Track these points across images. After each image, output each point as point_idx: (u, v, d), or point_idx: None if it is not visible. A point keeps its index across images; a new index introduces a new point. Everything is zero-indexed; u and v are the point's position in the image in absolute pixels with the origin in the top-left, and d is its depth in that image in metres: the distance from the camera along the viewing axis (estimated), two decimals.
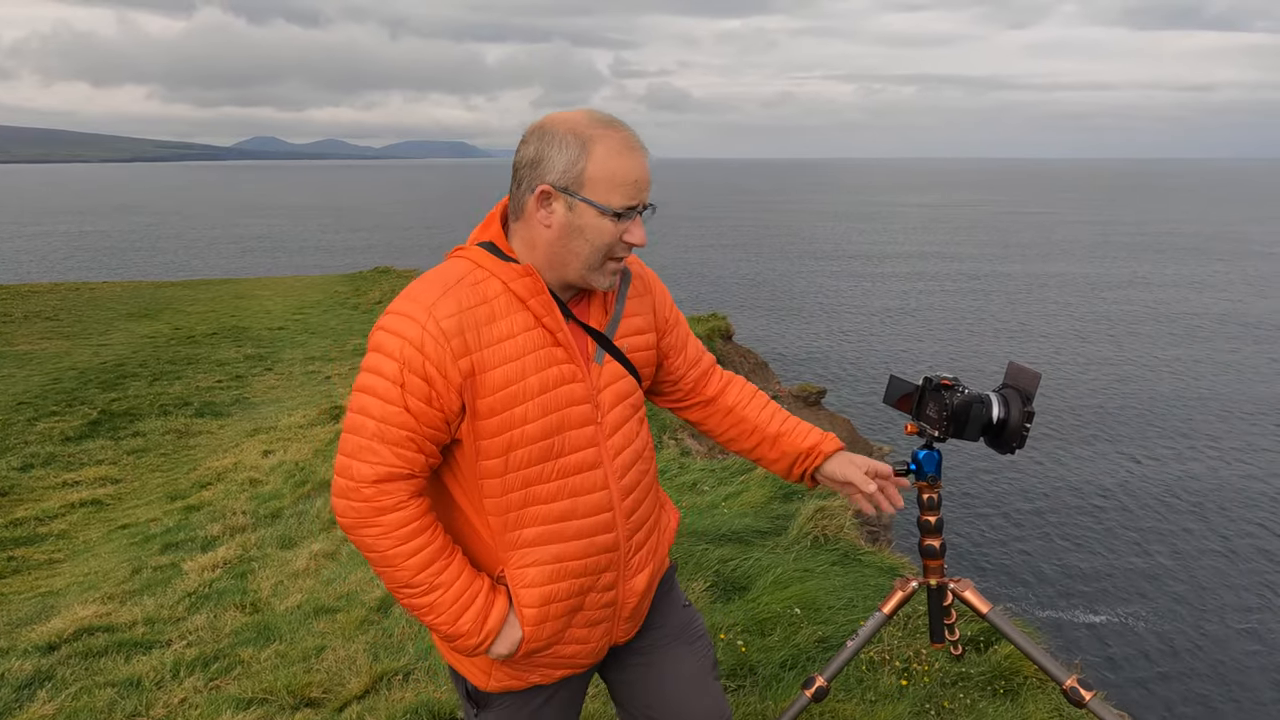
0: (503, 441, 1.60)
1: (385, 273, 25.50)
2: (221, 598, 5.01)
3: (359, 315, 18.55)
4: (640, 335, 1.80)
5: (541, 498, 1.65)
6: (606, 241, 1.60)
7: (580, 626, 1.75)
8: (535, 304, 1.61)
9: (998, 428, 1.91)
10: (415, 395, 1.55)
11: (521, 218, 1.63)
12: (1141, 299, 32.74)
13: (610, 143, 1.58)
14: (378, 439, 1.56)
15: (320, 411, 10.01)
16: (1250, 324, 28.32)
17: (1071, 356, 24.08)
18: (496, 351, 1.58)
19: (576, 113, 1.62)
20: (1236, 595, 11.56)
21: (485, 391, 1.57)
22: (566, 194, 1.57)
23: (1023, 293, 34.45)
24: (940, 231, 62.10)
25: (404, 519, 1.59)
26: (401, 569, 1.60)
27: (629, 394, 1.76)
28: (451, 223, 76.76)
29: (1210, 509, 14.18)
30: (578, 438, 1.66)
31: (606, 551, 1.73)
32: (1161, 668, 9.98)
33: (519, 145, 1.64)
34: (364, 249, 52.34)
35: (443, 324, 1.54)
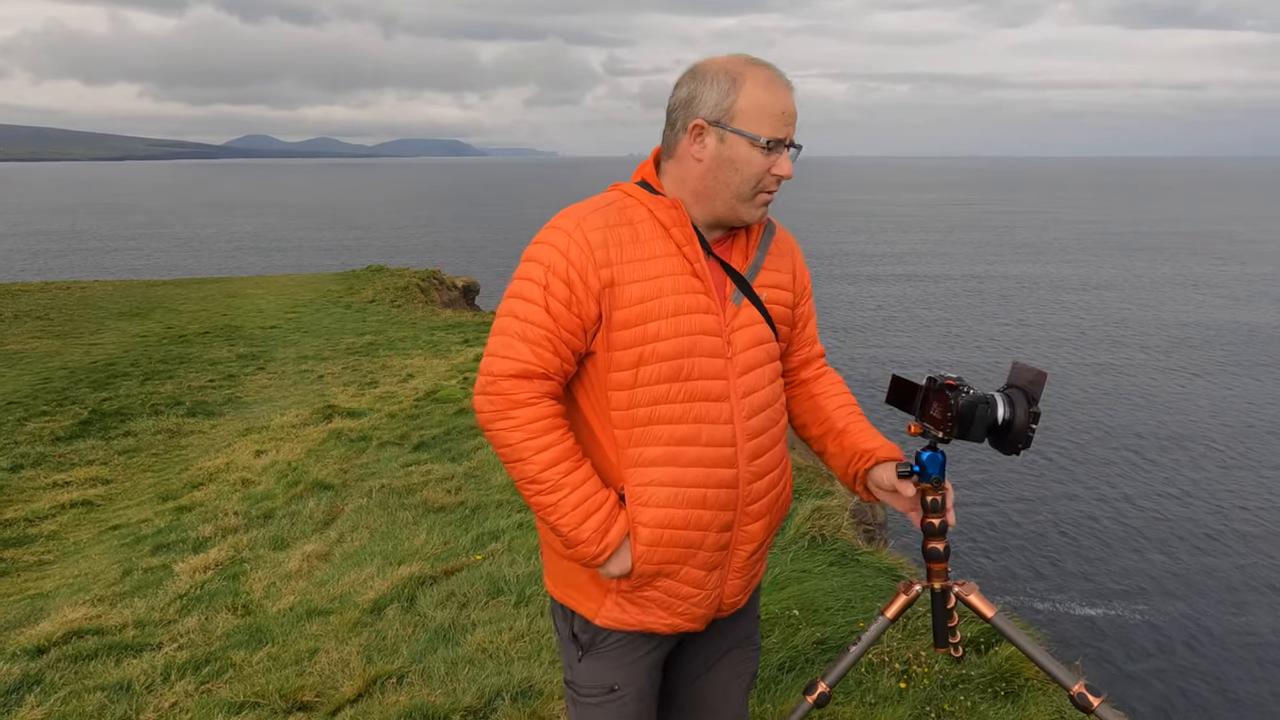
0: (634, 355, 1.66)
1: (379, 271, 25.40)
2: (213, 599, 4.95)
3: (352, 314, 18.47)
4: (779, 290, 1.86)
5: (666, 417, 1.69)
6: (756, 172, 1.68)
7: (696, 567, 1.76)
8: (677, 233, 1.69)
9: (1003, 428, 1.87)
10: (556, 298, 1.63)
11: (674, 156, 1.73)
12: (1139, 299, 32.80)
13: (758, 78, 1.67)
14: (518, 337, 1.64)
15: (313, 411, 9.94)
16: (1248, 325, 28.39)
17: (1069, 355, 24.12)
18: (636, 268, 1.66)
19: (726, 55, 1.72)
20: (1231, 593, 11.58)
21: (622, 304, 1.65)
22: (718, 127, 1.67)
23: (1017, 292, 34.50)
24: (935, 230, 62.18)
25: (537, 414, 1.65)
26: (530, 463, 1.65)
27: (764, 340, 1.80)
28: (445, 221, 76.61)
29: (1204, 506, 14.20)
30: (707, 366, 1.70)
31: (725, 487, 1.74)
32: (1158, 663, 9.98)
33: (673, 90, 1.74)
34: (357, 247, 52.17)
35: (590, 235, 1.65)
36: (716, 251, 1.77)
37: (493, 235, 60.90)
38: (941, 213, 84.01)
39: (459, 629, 4.18)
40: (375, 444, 8.12)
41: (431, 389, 10.75)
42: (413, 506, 6.07)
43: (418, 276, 23.90)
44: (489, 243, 54.82)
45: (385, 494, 6.39)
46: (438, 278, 25.24)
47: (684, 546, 1.73)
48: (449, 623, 4.25)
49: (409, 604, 4.55)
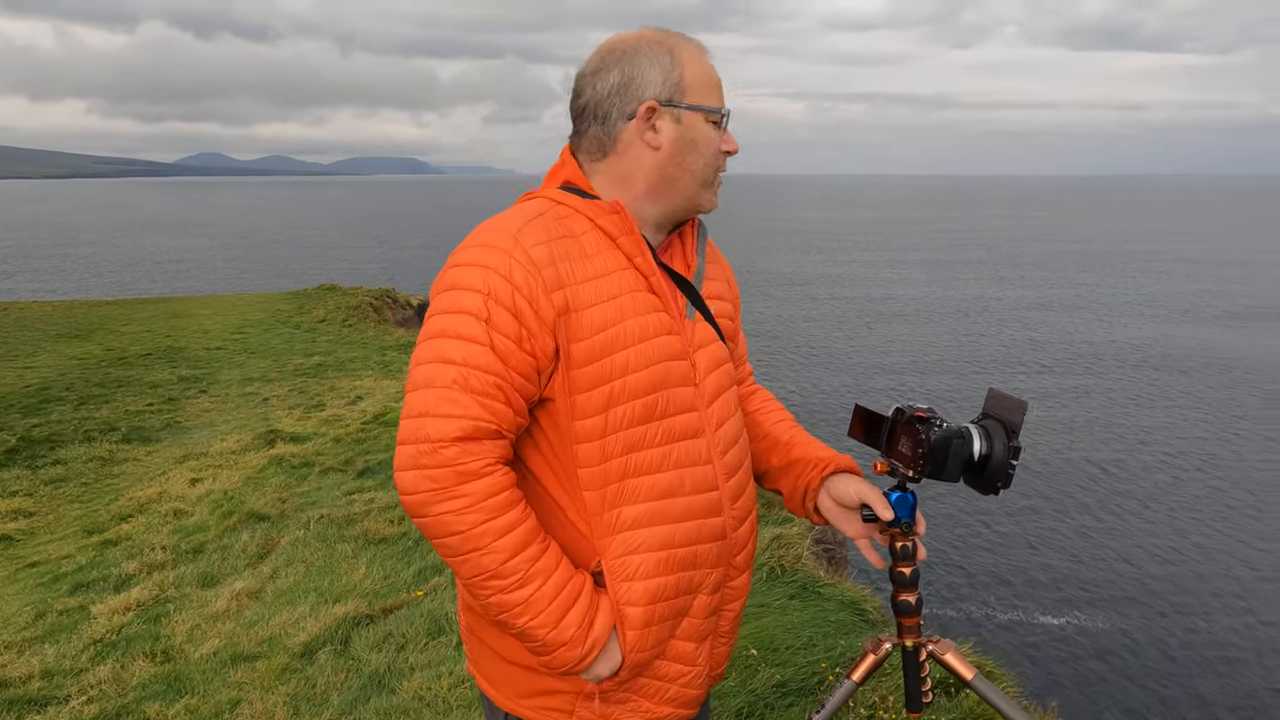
0: (602, 395, 1.36)
1: (331, 290, 24.88)
2: (130, 645, 4.60)
3: (301, 334, 18.00)
4: (722, 300, 1.62)
5: (645, 466, 1.40)
6: (715, 150, 1.48)
7: (685, 639, 1.49)
8: (626, 243, 1.42)
9: (979, 465, 1.66)
10: (503, 333, 1.31)
11: (613, 152, 1.47)
12: (1094, 314, 33.27)
13: (689, 47, 1.48)
14: (459, 387, 1.29)
15: (255, 436, 9.55)
16: (1197, 340, 28.91)
17: (1029, 374, 24.30)
18: (591, 288, 1.37)
19: (637, 32, 1.50)
20: (1192, 598, 11.60)
21: (582, 333, 1.35)
22: (672, 106, 1.44)
23: (979, 313, 34.82)
24: (889, 250, 62.85)
25: (493, 486, 1.30)
26: (491, 552, 1.30)
27: (724, 360, 1.55)
28: (401, 239, 75.81)
29: (1163, 514, 14.26)
30: (680, 397, 1.44)
31: (715, 539, 1.48)
32: (1120, 671, 9.91)
33: (587, 81, 1.48)
34: (310, 266, 51.32)
35: (532, 252, 1.34)
36: (662, 259, 1.50)
37: (447, 252, 60.33)
38: (900, 230, 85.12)
39: (395, 674, 3.89)
40: (318, 470, 7.77)
41: (380, 411, 10.41)
42: (353, 538, 5.76)
43: (371, 295, 23.45)
44: (444, 260, 54.27)
45: (324, 525, 6.06)
46: (391, 296, 24.80)
47: (675, 617, 1.46)
48: (385, 667, 3.96)
49: (343, 646, 4.25)
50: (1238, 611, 11.38)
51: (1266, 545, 13.22)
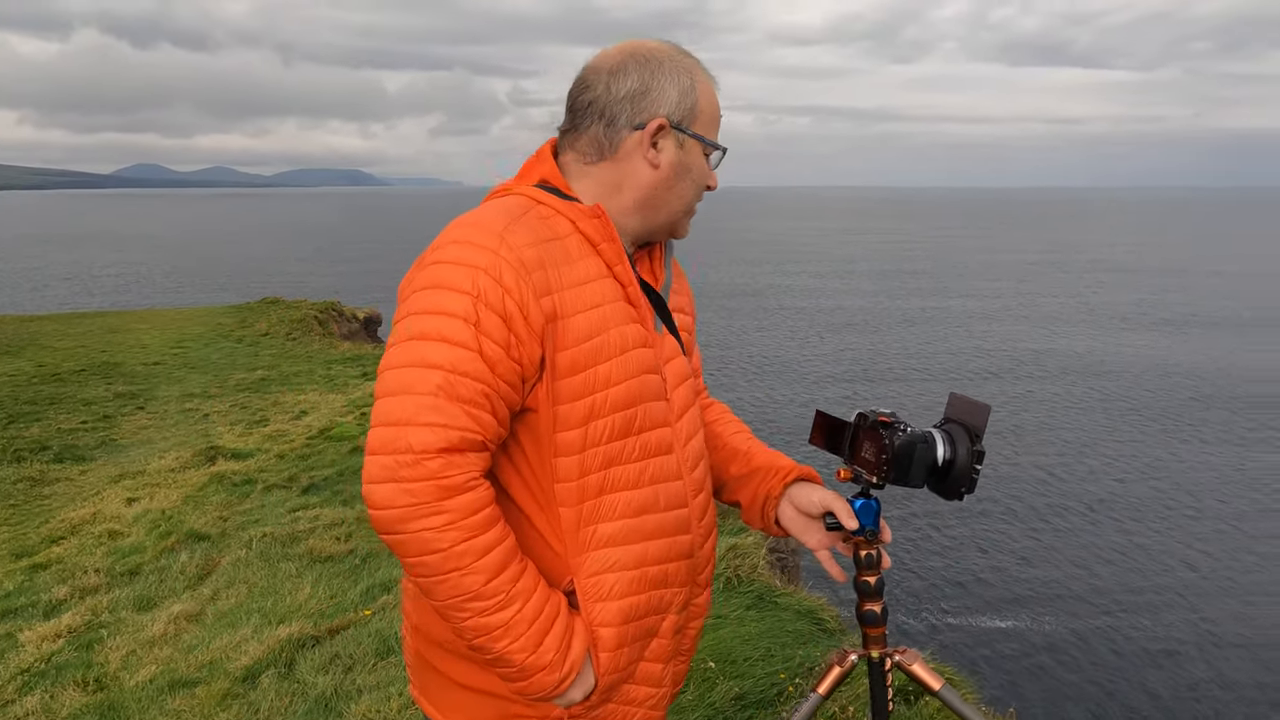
0: (584, 407, 1.30)
1: (274, 303, 24.40)
2: (61, 674, 4.39)
3: (243, 348, 17.59)
4: (683, 315, 1.58)
5: (622, 482, 1.36)
6: (703, 184, 1.46)
7: (653, 661, 1.45)
8: (607, 250, 1.37)
9: (943, 470, 1.63)
10: (493, 338, 1.22)
11: (610, 157, 1.40)
12: (1035, 323, 33.95)
13: (706, 77, 1.45)
14: (445, 394, 1.20)
15: (195, 453, 9.27)
16: (1135, 346, 29.68)
17: (975, 381, 24.70)
18: (578, 295, 1.31)
19: (660, 43, 1.44)
20: (1137, 596, 11.84)
21: (567, 342, 1.29)
22: (680, 130, 1.40)
23: (925, 322, 35.35)
24: (836, 261, 63.62)
25: (477, 502, 1.22)
26: (473, 572, 1.21)
27: (688, 375, 1.53)
28: (346, 251, 74.76)
29: (1106, 516, 14.57)
30: (655, 412, 1.40)
31: (684, 557, 1.46)
32: (1071, 668, 10.06)
33: (602, 77, 1.40)
34: (252, 279, 50.32)
35: (521, 253, 1.26)
36: (638, 270, 1.46)
37: (396, 265, 59.68)
38: (846, 241, 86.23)
39: (342, 697, 3.76)
40: (261, 487, 7.55)
41: (325, 426, 10.18)
42: (297, 557, 5.58)
43: (315, 308, 23.05)
44: (392, 273, 53.67)
45: (267, 543, 5.88)
46: (336, 309, 24.40)
47: (645, 638, 1.43)
48: (331, 690, 3.82)
49: (287, 670, 4.09)
50: (1179, 608, 11.65)
51: (1204, 545, 13.58)
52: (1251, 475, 16.54)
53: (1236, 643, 10.80)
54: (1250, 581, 12.43)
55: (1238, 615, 11.45)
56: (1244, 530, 14.11)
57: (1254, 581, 12.43)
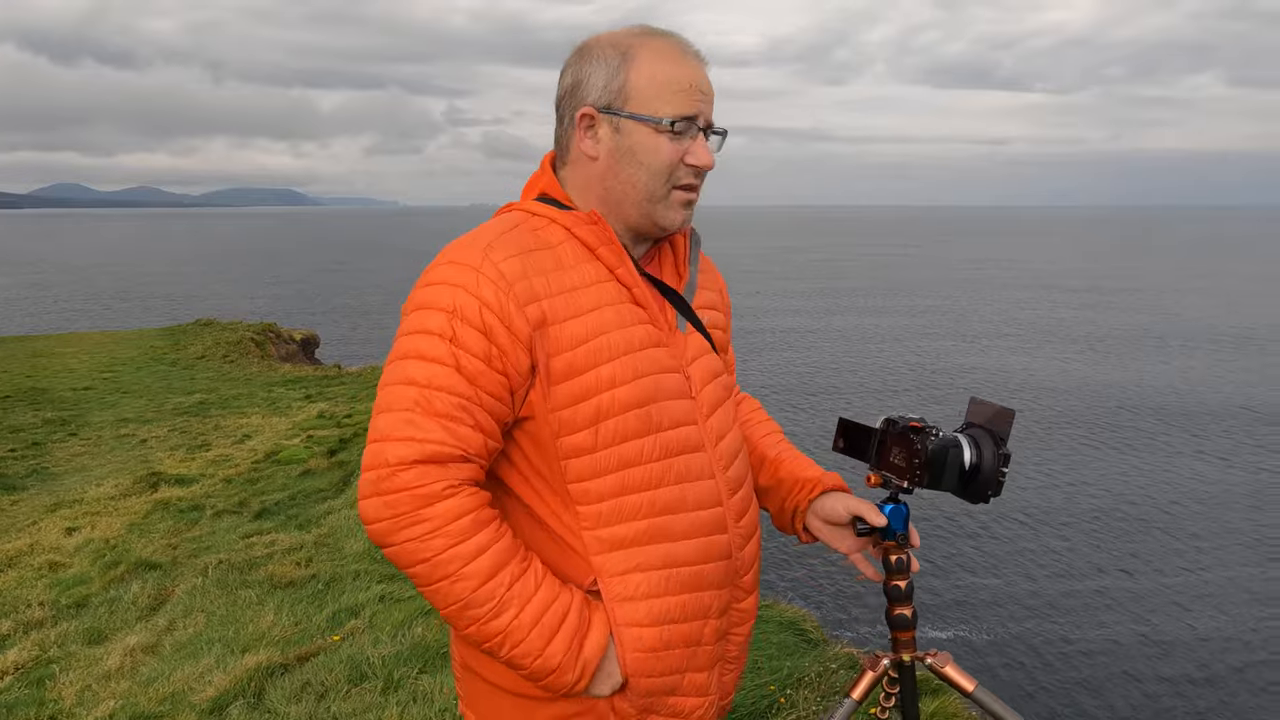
0: (589, 409, 1.29)
1: (208, 325, 23.83)
2: (12, 713, 4.18)
3: (178, 372, 17.11)
4: (714, 311, 1.56)
5: (643, 482, 1.33)
6: (664, 162, 1.35)
7: (698, 670, 1.41)
8: (606, 253, 1.36)
9: (970, 474, 1.67)
10: (470, 352, 1.24)
11: (568, 160, 1.40)
12: (969, 340, 34.75)
13: (656, 47, 1.35)
14: (420, 409, 1.23)
15: (135, 480, 8.96)
16: (1058, 363, 30.62)
17: (912, 398, 25.17)
18: (570, 300, 1.30)
19: (620, 29, 1.40)
20: (1079, 601, 12.12)
21: (562, 346, 1.28)
22: (610, 113, 1.34)
23: (860, 340, 35.97)
24: (773, 279, 64.47)
25: (458, 508, 1.23)
26: (461, 579, 1.22)
27: (719, 372, 1.50)
28: (280, 272, 73.23)
29: (1084, 527, 14.91)
30: (676, 410, 1.37)
31: (722, 558, 1.41)
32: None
33: (559, 80, 1.41)
34: (182, 301, 48.94)
35: (502, 266, 1.27)
36: (648, 270, 1.44)
37: (332, 285, 58.65)
38: (783, 260, 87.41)
39: None
40: (210, 513, 7.33)
41: (272, 449, 9.95)
42: (257, 583, 5.43)
43: (252, 330, 22.55)
44: (328, 293, 52.70)
45: (224, 570, 5.70)
46: (274, 331, 23.92)
47: (686, 645, 1.39)
48: (305, 719, 3.72)
49: (256, 699, 3.97)
50: (1080, 618, 11.97)
51: (1122, 551, 14.01)
52: (1176, 481, 17.15)
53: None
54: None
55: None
56: (1179, 536, 14.59)
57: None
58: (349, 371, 18.27)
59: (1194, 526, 14.66)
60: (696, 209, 1.49)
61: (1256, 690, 9.69)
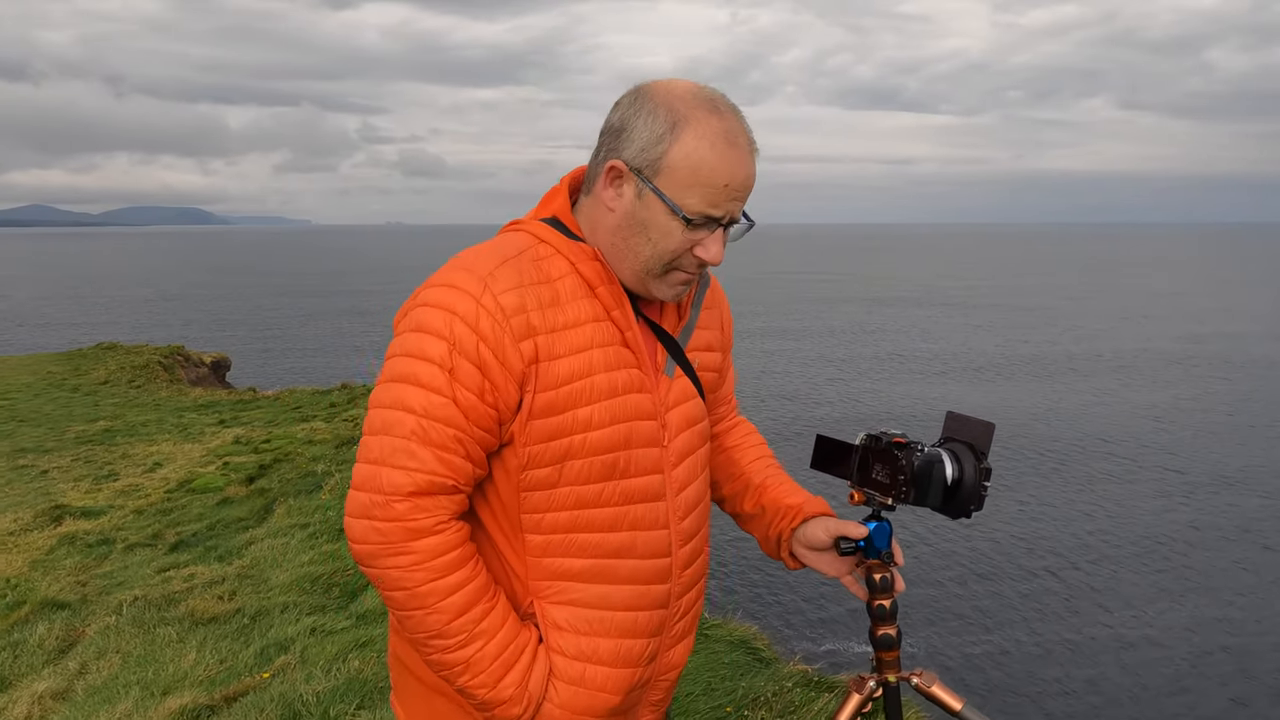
0: (559, 448, 1.31)
1: (111, 349, 22.81)
2: None
3: (80, 398, 16.30)
4: (709, 353, 1.54)
5: (596, 524, 1.35)
6: (672, 248, 1.32)
7: (614, 715, 1.41)
8: (605, 293, 1.35)
9: (952, 489, 1.65)
10: (466, 386, 1.25)
11: (590, 194, 1.38)
12: (887, 366, 35.54)
13: (707, 129, 1.28)
14: (418, 439, 1.25)
15: (36, 514, 8.47)
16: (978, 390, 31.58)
17: (840, 406, 25.62)
18: (563, 338, 1.30)
19: (685, 83, 1.34)
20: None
21: (547, 384, 1.29)
22: (639, 177, 1.30)
23: (782, 351, 36.51)
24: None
25: (443, 544, 1.27)
26: (436, 611, 1.27)
27: (698, 419, 1.49)
28: (185, 293, 70.76)
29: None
30: (643, 459, 1.38)
31: (657, 607, 1.42)
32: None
33: (612, 110, 1.37)
34: (80, 324, 46.81)
35: (501, 299, 1.27)
36: (646, 312, 1.42)
37: (242, 306, 56.94)
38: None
39: None
40: (121, 547, 6.97)
41: (185, 478, 9.53)
42: (176, 620, 5.15)
43: (159, 353, 21.72)
44: (237, 315, 51.11)
45: (140, 608, 5.40)
46: (182, 354, 23.07)
47: (607, 691, 1.38)
48: None
49: None
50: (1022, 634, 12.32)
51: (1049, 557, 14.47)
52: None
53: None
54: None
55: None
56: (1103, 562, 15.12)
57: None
58: (265, 395, 17.69)
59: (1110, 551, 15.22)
60: None
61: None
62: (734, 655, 3.68)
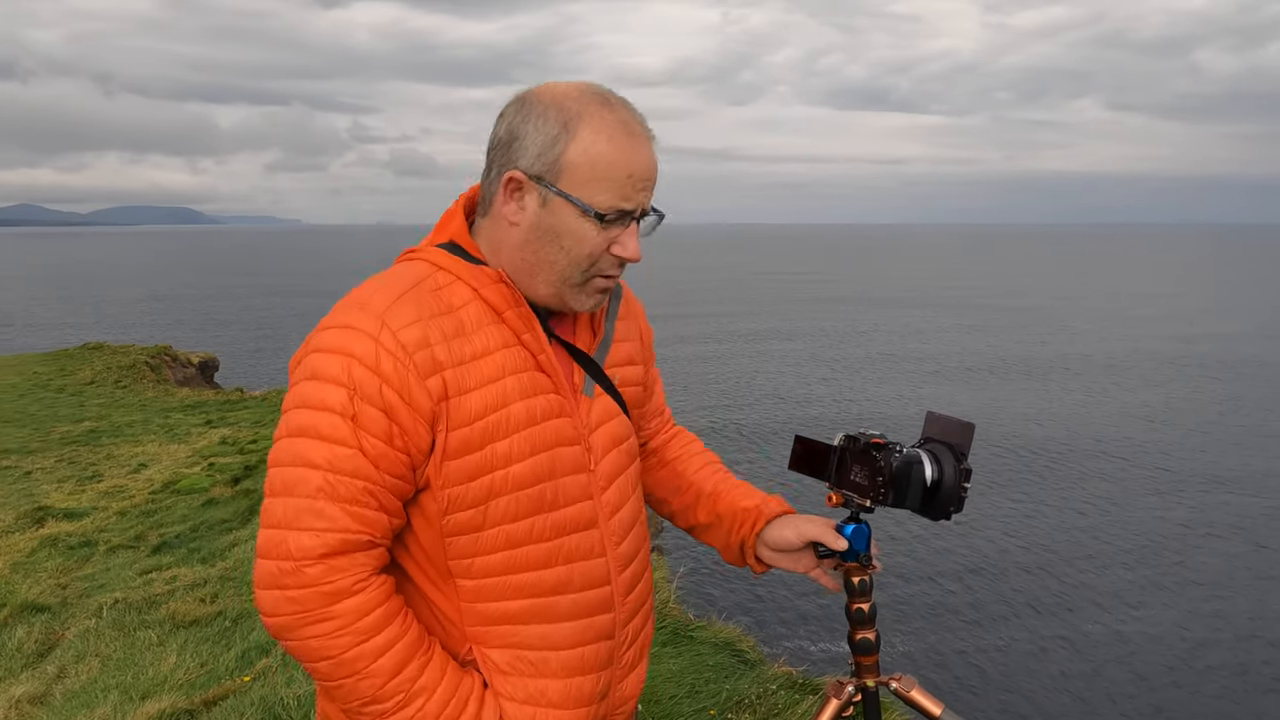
0: (481, 487, 1.22)
1: (97, 349, 22.66)
2: None
3: (66, 399, 16.20)
4: (630, 367, 1.47)
5: (530, 562, 1.28)
6: (588, 251, 1.26)
7: None
8: (513, 316, 1.27)
9: (931, 490, 1.62)
10: (372, 433, 1.17)
11: (488, 214, 1.30)
12: (872, 368, 35.60)
13: (603, 122, 1.23)
14: (325, 496, 1.16)
15: (19, 515, 8.39)
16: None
17: (832, 405, 25.64)
18: (472, 370, 1.22)
19: (568, 83, 1.28)
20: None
21: (460, 421, 1.21)
22: (540, 184, 1.24)
23: (776, 353, 36.51)
24: (675, 303, 65.07)
25: (366, 604, 1.18)
26: (368, 676, 1.18)
27: (624, 438, 1.42)
28: (174, 293, 70.44)
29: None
30: (571, 487, 1.31)
31: (603, 639, 1.35)
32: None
33: (496, 123, 1.29)
34: (68, 324, 46.55)
35: (401, 335, 1.18)
36: (558, 332, 1.35)
37: (230, 307, 56.69)
38: (693, 279, 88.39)
39: None
40: (103, 549, 6.90)
41: (170, 479, 9.46)
42: (157, 623, 5.09)
43: (146, 354, 21.60)
44: (226, 315, 50.89)
45: (120, 610, 5.34)
46: (170, 354, 22.94)
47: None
48: None
49: None
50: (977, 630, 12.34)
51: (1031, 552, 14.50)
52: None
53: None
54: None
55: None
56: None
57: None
58: (252, 395, 17.61)
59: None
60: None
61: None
62: (718, 657, 3.65)
